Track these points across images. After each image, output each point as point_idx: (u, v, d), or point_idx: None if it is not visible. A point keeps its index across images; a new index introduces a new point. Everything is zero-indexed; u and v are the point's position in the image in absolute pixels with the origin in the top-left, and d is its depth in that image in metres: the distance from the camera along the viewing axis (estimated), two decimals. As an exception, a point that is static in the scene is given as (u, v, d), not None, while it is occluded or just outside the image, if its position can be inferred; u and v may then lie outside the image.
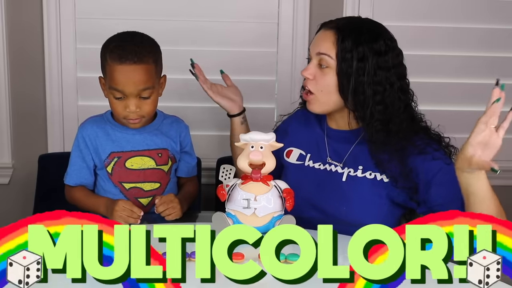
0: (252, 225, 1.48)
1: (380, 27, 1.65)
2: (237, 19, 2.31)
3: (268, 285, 1.33)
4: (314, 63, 1.64)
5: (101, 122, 1.75)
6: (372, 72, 1.57)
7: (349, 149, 1.69)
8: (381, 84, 1.58)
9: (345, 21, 1.65)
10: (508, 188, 2.49)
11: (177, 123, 1.82)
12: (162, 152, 1.75)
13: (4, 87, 2.27)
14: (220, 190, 1.51)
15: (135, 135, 1.73)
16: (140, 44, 1.65)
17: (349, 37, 1.58)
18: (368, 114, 1.59)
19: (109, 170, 1.72)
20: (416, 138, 1.61)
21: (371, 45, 1.57)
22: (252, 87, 2.31)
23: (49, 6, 2.23)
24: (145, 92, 1.65)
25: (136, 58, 1.62)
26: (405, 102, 1.62)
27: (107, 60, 1.64)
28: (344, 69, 1.58)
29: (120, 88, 1.63)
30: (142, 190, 1.74)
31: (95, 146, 1.72)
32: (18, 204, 2.36)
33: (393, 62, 1.60)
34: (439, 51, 2.38)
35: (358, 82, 1.58)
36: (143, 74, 1.63)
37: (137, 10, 2.27)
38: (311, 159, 1.74)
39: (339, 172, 1.68)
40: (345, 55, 1.58)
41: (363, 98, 1.58)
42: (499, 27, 2.38)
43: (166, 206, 1.61)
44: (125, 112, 1.66)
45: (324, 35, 1.63)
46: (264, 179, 1.48)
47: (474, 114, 2.42)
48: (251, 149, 1.48)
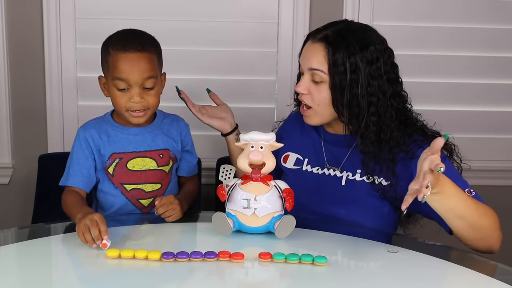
0: (252, 225, 1.49)
1: (367, 30, 1.61)
2: (237, 19, 2.31)
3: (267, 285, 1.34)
4: (307, 78, 1.62)
5: (101, 123, 1.74)
6: (366, 83, 1.55)
7: (347, 153, 1.68)
8: (375, 94, 1.56)
9: (332, 31, 1.59)
10: (508, 188, 2.50)
11: (177, 122, 1.82)
12: (163, 152, 1.75)
13: (4, 87, 2.27)
14: (220, 190, 1.52)
15: (136, 135, 1.73)
16: (141, 36, 1.68)
17: (340, 49, 1.55)
18: (363, 126, 1.57)
19: (110, 171, 1.71)
20: (410, 141, 1.59)
21: (362, 55, 1.55)
22: (252, 87, 2.31)
23: (49, 5, 2.23)
24: (149, 81, 1.64)
25: (140, 47, 1.63)
26: (397, 107, 1.60)
27: (110, 52, 1.64)
28: (338, 83, 1.56)
29: (124, 77, 1.62)
30: (143, 191, 1.73)
31: (97, 147, 1.71)
32: (18, 204, 2.36)
33: (385, 68, 1.57)
34: (440, 51, 2.38)
35: (352, 95, 1.56)
36: (147, 63, 1.64)
37: (137, 10, 2.27)
38: (309, 164, 1.73)
39: (338, 176, 1.67)
40: (338, 68, 1.55)
41: (358, 110, 1.57)
42: (502, 27, 2.38)
43: (166, 208, 1.59)
44: (129, 104, 1.65)
45: (313, 49, 1.60)
46: (264, 179, 1.49)
47: (476, 114, 2.45)
48: (251, 149, 1.48)
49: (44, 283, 1.28)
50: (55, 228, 1.63)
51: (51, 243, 1.53)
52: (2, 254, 1.41)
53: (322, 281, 1.30)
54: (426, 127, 1.65)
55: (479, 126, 2.45)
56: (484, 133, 2.45)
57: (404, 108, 1.64)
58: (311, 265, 1.35)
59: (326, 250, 1.46)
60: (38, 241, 1.51)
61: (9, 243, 1.51)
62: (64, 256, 1.45)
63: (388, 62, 1.59)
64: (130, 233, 1.55)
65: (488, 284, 1.32)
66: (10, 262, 1.39)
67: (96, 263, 1.36)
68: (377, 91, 1.56)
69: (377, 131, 1.57)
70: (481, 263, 1.42)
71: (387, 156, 1.58)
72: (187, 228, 1.59)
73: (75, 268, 1.36)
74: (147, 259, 1.35)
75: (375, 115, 1.57)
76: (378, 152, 1.58)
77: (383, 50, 1.59)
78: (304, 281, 1.29)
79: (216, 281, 1.34)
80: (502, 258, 1.45)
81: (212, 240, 1.48)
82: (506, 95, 2.44)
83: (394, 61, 1.62)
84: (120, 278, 1.24)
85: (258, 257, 1.37)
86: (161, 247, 1.38)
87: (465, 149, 1.66)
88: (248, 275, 1.34)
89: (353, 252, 1.46)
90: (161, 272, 1.31)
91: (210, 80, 2.32)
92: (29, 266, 1.33)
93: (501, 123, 2.46)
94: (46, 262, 1.40)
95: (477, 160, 2.42)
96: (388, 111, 1.57)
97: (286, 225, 1.46)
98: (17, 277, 1.32)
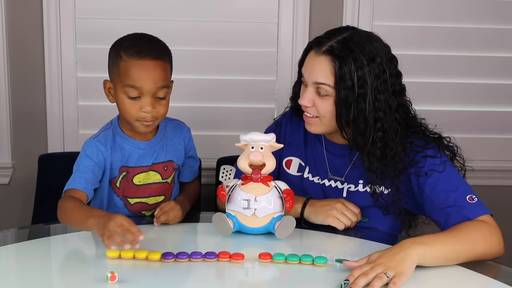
0: (252, 225, 1.49)
1: (373, 40, 1.54)
2: (237, 19, 2.31)
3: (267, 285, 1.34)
4: (311, 91, 1.54)
5: (114, 136, 1.66)
6: (373, 97, 1.50)
7: (349, 164, 1.65)
8: (381, 109, 1.51)
9: (337, 41, 1.52)
10: (508, 188, 2.50)
11: (180, 129, 1.77)
12: (167, 165, 1.71)
13: (4, 87, 2.27)
14: (220, 191, 1.51)
15: (145, 149, 1.67)
16: (156, 43, 1.61)
17: (347, 63, 1.48)
18: (369, 143, 1.52)
19: (117, 185, 1.67)
20: (410, 149, 1.56)
21: (369, 68, 1.49)
22: (252, 87, 2.31)
23: (49, 6, 2.23)
24: (162, 91, 1.57)
25: (155, 54, 1.56)
26: (401, 120, 1.55)
27: (122, 57, 1.56)
28: (344, 97, 1.49)
29: (138, 85, 1.54)
30: (146, 204, 1.71)
31: (110, 163, 1.65)
32: (18, 204, 2.36)
33: (391, 81, 1.52)
34: (440, 52, 2.38)
35: (358, 110, 1.50)
36: (161, 71, 1.56)
37: (137, 10, 2.27)
38: (310, 172, 1.70)
39: (339, 188, 1.66)
40: (345, 83, 1.49)
41: (364, 126, 1.51)
42: (502, 27, 2.38)
43: (167, 216, 1.58)
44: (140, 114, 1.57)
45: (318, 62, 1.52)
46: (264, 179, 1.48)
47: (476, 114, 2.44)
48: (251, 149, 1.48)
49: (44, 284, 1.28)
50: (55, 228, 1.62)
51: (51, 243, 1.53)
52: (2, 254, 1.41)
53: (322, 281, 1.30)
54: (428, 130, 1.62)
55: (479, 126, 2.45)
56: (484, 133, 2.45)
57: (408, 118, 1.60)
58: (311, 265, 1.35)
59: (326, 251, 1.46)
60: (38, 241, 1.51)
61: (9, 244, 1.51)
62: (64, 256, 1.45)
63: (393, 73, 1.54)
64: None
65: (488, 284, 1.33)
66: (10, 263, 1.39)
67: (96, 263, 1.36)
68: (383, 105, 1.51)
69: (383, 147, 1.52)
70: (484, 265, 1.41)
71: (392, 172, 1.55)
72: (188, 228, 1.59)
73: (75, 268, 1.36)
74: (147, 259, 1.35)
75: (381, 130, 1.52)
76: (383, 169, 1.54)
77: (388, 61, 1.53)
78: (304, 281, 1.29)
79: (216, 281, 1.34)
80: (504, 260, 1.45)
81: (212, 240, 1.48)
82: (506, 95, 2.44)
83: (398, 69, 1.57)
84: (120, 278, 1.24)
85: (258, 257, 1.37)
86: (161, 248, 1.38)
87: (466, 149, 1.65)
88: (248, 275, 1.34)
89: (353, 252, 1.46)
90: (161, 273, 1.31)
91: (210, 80, 2.32)
92: (29, 267, 1.33)
93: (501, 123, 2.46)
94: (46, 262, 1.40)
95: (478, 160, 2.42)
96: (393, 126, 1.53)
97: (286, 226, 1.46)
98: (17, 278, 1.31)
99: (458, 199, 1.48)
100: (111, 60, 1.61)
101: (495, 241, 1.44)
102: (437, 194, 1.51)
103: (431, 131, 1.62)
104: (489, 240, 1.43)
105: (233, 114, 2.35)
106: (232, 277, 1.34)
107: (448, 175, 1.52)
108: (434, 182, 1.52)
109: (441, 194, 1.50)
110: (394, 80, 1.54)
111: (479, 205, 1.48)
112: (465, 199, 1.48)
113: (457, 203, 1.48)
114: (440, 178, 1.51)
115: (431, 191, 1.52)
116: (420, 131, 1.60)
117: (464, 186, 1.52)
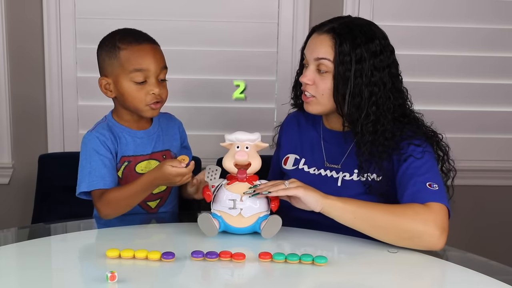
0: (238, 225, 1.48)
1: (371, 25, 1.65)
2: (237, 19, 2.31)
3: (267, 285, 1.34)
4: (312, 69, 1.63)
5: (110, 126, 1.70)
6: (369, 73, 1.58)
7: (346, 151, 1.69)
8: (376, 84, 1.59)
9: (338, 23, 1.63)
10: (508, 188, 2.50)
11: (172, 120, 1.82)
12: (166, 153, 1.74)
13: (4, 87, 2.27)
14: (205, 191, 1.51)
15: (142, 138, 1.71)
16: (142, 32, 1.69)
17: (347, 40, 1.58)
18: (363, 116, 1.58)
19: (119, 174, 1.69)
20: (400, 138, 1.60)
21: (367, 46, 1.58)
22: (252, 87, 2.31)
23: (49, 6, 2.23)
24: (163, 72, 1.65)
25: (150, 39, 1.65)
26: (397, 101, 1.62)
27: (120, 47, 1.62)
28: (342, 72, 1.58)
29: (144, 67, 1.61)
30: (150, 194, 1.72)
31: (114, 149, 1.67)
32: (18, 204, 2.36)
33: (387, 62, 1.61)
34: (440, 51, 2.38)
35: (355, 84, 1.58)
36: (160, 53, 1.65)
37: (137, 10, 2.27)
38: (306, 164, 1.74)
39: (334, 177, 1.68)
40: (344, 58, 1.58)
41: (360, 100, 1.58)
42: (502, 27, 2.38)
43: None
44: (148, 97, 1.62)
45: (320, 40, 1.62)
46: (249, 179, 1.48)
47: (476, 114, 2.45)
48: (237, 149, 1.48)
49: (44, 283, 1.28)
50: (55, 228, 1.63)
51: (51, 243, 1.53)
52: (2, 254, 1.41)
53: (322, 281, 1.30)
54: (424, 125, 1.65)
55: (479, 126, 2.45)
56: (484, 133, 2.45)
57: (403, 105, 1.65)
58: (311, 265, 1.35)
59: (326, 250, 1.46)
60: (38, 241, 1.51)
61: (9, 243, 1.51)
62: (64, 256, 1.44)
63: (390, 57, 1.62)
64: (130, 233, 1.56)
65: (488, 284, 1.32)
66: (10, 262, 1.39)
67: (96, 263, 1.36)
68: (378, 82, 1.59)
69: (375, 121, 1.59)
70: (481, 263, 1.42)
71: (381, 149, 1.59)
72: (188, 228, 1.59)
73: (75, 268, 1.36)
74: (147, 259, 1.35)
75: (374, 105, 1.59)
76: (371, 148, 1.59)
77: (386, 45, 1.62)
78: (304, 281, 1.29)
79: (217, 281, 1.34)
80: (502, 258, 1.45)
81: (213, 240, 1.47)
82: (505, 95, 2.44)
83: (395, 58, 1.65)
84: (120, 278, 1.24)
85: (258, 257, 1.37)
86: (161, 247, 1.38)
87: (464, 149, 1.66)
88: (248, 275, 1.34)
89: (353, 252, 1.46)
90: (161, 273, 1.31)
91: (210, 80, 2.32)
92: (29, 266, 1.33)
93: (500, 123, 2.46)
94: (46, 262, 1.40)
95: (477, 160, 2.43)
96: (386, 103, 1.60)
97: (272, 225, 1.45)
98: (17, 277, 1.31)
99: (418, 183, 1.51)
100: (105, 55, 1.66)
101: (430, 226, 1.42)
102: (405, 177, 1.55)
103: (428, 127, 1.65)
104: (420, 221, 1.42)
105: (233, 114, 2.36)
106: (232, 277, 1.34)
107: (421, 162, 1.55)
108: (407, 167, 1.56)
109: (407, 177, 1.54)
110: (390, 63, 1.62)
111: (436, 193, 1.48)
112: (425, 184, 1.50)
113: (416, 187, 1.50)
114: (413, 163, 1.55)
115: (402, 174, 1.55)
116: (415, 124, 1.64)
117: (431, 174, 1.54)
